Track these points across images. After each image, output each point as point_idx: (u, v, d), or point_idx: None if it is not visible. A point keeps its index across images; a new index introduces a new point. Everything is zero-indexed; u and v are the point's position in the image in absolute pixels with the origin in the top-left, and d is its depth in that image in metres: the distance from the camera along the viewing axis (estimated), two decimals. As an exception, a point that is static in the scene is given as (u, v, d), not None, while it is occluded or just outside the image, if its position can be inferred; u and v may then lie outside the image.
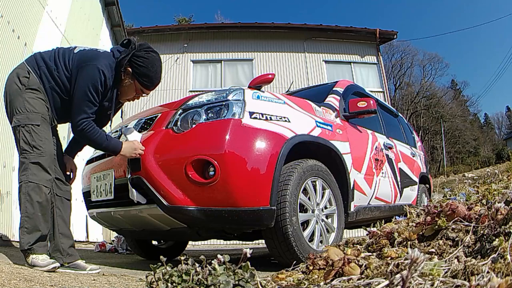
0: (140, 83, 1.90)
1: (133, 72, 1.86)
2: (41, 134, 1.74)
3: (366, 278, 0.90)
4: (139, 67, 1.85)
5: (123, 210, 2.06)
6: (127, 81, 1.88)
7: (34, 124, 1.72)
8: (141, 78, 1.88)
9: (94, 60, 1.77)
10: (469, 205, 1.28)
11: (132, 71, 1.86)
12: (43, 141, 1.74)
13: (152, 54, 1.88)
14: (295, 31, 11.12)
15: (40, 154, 1.72)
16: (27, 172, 1.69)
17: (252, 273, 0.90)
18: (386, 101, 10.42)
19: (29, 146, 1.71)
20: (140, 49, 1.85)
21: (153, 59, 1.88)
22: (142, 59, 1.84)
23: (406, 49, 33.18)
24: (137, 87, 1.92)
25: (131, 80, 1.89)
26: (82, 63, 1.78)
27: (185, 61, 10.83)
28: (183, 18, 23.91)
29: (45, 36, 4.23)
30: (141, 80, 1.88)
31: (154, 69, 1.88)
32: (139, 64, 1.84)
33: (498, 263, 0.80)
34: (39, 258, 1.68)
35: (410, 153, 4.09)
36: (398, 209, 3.20)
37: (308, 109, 2.41)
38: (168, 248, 3.18)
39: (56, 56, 1.83)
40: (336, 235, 2.25)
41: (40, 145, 1.72)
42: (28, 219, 1.67)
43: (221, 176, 1.75)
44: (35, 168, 1.70)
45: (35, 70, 1.79)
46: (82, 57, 1.81)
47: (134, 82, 1.89)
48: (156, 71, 1.90)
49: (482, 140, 37.93)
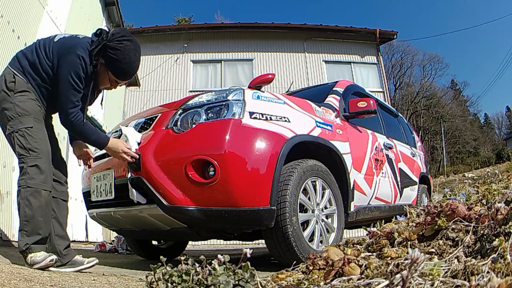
0: (113, 74, 1.84)
1: (105, 64, 1.80)
2: (36, 135, 1.72)
3: (366, 278, 0.90)
4: (110, 59, 1.77)
5: (123, 210, 2.06)
6: (101, 71, 1.83)
7: (28, 127, 1.71)
8: (114, 70, 1.82)
9: (73, 47, 1.73)
10: (469, 205, 1.28)
11: (104, 62, 1.79)
12: (38, 142, 1.72)
13: (125, 44, 1.78)
14: (295, 31, 11.13)
15: (37, 156, 1.70)
16: (25, 176, 1.68)
17: (252, 273, 0.90)
18: (386, 101, 10.42)
19: (25, 150, 1.69)
20: (112, 39, 1.76)
21: (125, 49, 1.77)
22: (114, 50, 1.76)
23: (406, 49, 33.24)
24: (111, 78, 1.86)
25: (103, 71, 1.83)
26: (63, 51, 1.75)
27: (185, 61, 10.83)
28: (183, 18, 23.90)
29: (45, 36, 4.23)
30: (114, 71, 1.82)
31: (127, 60, 1.79)
32: (111, 56, 1.76)
33: (498, 263, 0.80)
34: (37, 255, 1.67)
35: (410, 153, 4.09)
36: (398, 209, 3.20)
37: (308, 109, 2.41)
38: (168, 248, 3.18)
39: (37, 48, 1.79)
40: (336, 235, 2.25)
41: (36, 147, 1.70)
42: (27, 223, 1.66)
43: (221, 176, 1.75)
44: (33, 171, 1.68)
45: (20, 71, 1.76)
46: (62, 45, 1.77)
47: (108, 73, 1.83)
48: (129, 62, 1.81)
49: (482, 140, 37.93)
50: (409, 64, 34.19)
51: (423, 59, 35.26)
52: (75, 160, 2.21)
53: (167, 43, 10.93)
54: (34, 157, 1.69)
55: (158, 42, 10.89)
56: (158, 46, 10.85)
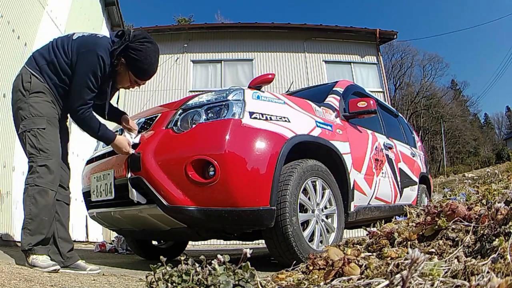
0: (134, 75, 1.87)
1: (126, 64, 1.83)
2: (47, 136, 1.73)
3: (366, 278, 0.90)
4: (132, 59, 1.81)
5: (123, 210, 2.06)
6: (122, 71, 1.86)
7: (40, 128, 1.71)
8: (135, 70, 1.85)
9: (94, 46, 1.75)
10: (469, 205, 1.28)
11: (126, 62, 1.82)
12: (49, 143, 1.73)
13: (146, 45, 1.82)
14: (295, 31, 11.12)
15: (47, 156, 1.71)
16: (34, 175, 1.68)
17: (252, 273, 0.90)
18: (386, 101, 10.42)
19: (35, 150, 1.70)
20: (134, 40, 1.79)
21: (147, 50, 1.81)
22: (136, 51, 1.79)
23: (406, 49, 33.21)
24: (131, 78, 1.89)
25: (124, 71, 1.86)
26: (82, 49, 1.76)
27: (185, 61, 10.83)
28: (183, 18, 23.91)
29: (45, 36, 4.22)
30: (135, 72, 1.86)
31: (148, 61, 1.83)
32: (132, 57, 1.80)
33: (498, 263, 0.80)
34: (39, 258, 1.66)
35: (410, 153, 4.09)
36: (398, 209, 3.20)
37: (308, 109, 2.41)
38: (168, 248, 3.18)
39: (55, 47, 1.80)
40: (336, 235, 2.25)
41: (47, 148, 1.71)
42: (31, 221, 1.65)
43: (221, 176, 1.75)
44: (43, 171, 1.69)
45: (37, 70, 1.77)
46: (81, 43, 1.78)
47: (128, 72, 1.86)
48: (150, 63, 1.85)
49: (482, 140, 37.91)
50: (409, 64, 34.21)
51: (423, 59, 35.28)
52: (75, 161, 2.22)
53: (167, 43, 10.92)
54: (44, 157, 1.70)
55: (158, 42, 10.49)
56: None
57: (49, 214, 1.71)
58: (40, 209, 1.66)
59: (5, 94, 3.23)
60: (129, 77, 1.89)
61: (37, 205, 1.66)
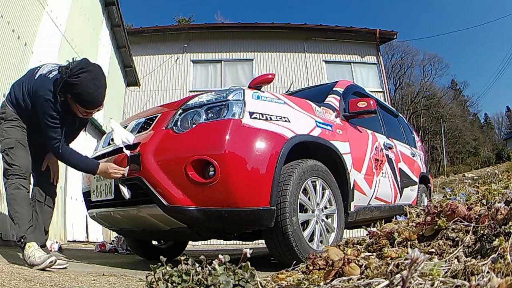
0: (81, 106, 1.96)
1: (71, 98, 1.93)
2: (17, 154, 2.00)
3: (366, 278, 0.90)
4: (73, 94, 1.90)
5: (123, 210, 2.06)
6: (72, 104, 1.97)
7: (10, 148, 2.00)
8: (80, 103, 1.94)
9: (41, 91, 1.92)
10: (469, 205, 1.28)
11: (70, 97, 1.93)
12: (19, 159, 2.00)
13: (82, 76, 1.86)
14: (295, 31, 11.13)
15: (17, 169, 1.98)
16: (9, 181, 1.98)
17: (252, 273, 0.90)
18: (386, 101, 10.42)
19: (8, 165, 1.99)
20: (71, 75, 1.85)
21: (83, 82, 1.86)
22: (73, 86, 1.86)
23: (406, 49, 33.20)
24: (80, 109, 1.99)
25: (74, 103, 1.96)
26: (35, 94, 1.97)
27: (185, 61, 10.83)
28: (183, 18, 23.93)
29: (45, 36, 4.23)
30: (80, 104, 1.95)
31: (86, 91, 1.89)
32: (72, 92, 1.89)
33: (498, 263, 0.80)
34: (35, 254, 1.81)
35: (410, 153, 4.09)
36: (398, 209, 3.20)
37: (308, 109, 2.41)
38: (168, 248, 3.18)
39: (23, 85, 2.05)
40: (336, 235, 2.25)
41: (16, 163, 1.98)
42: (19, 215, 1.91)
43: (221, 176, 1.75)
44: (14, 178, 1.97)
45: (10, 102, 2.08)
46: (35, 87, 1.98)
47: (76, 105, 1.96)
48: (89, 93, 1.90)
49: (482, 140, 37.91)
50: (409, 64, 34.20)
51: (423, 59, 35.27)
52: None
53: (167, 43, 10.93)
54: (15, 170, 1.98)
55: (158, 42, 10.89)
56: (158, 46, 10.85)
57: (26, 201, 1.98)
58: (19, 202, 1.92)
59: (5, 94, 3.23)
60: (77, 109, 1.98)
61: (16, 200, 1.92)
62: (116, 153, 2.09)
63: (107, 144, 2.44)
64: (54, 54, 4.49)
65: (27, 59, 3.78)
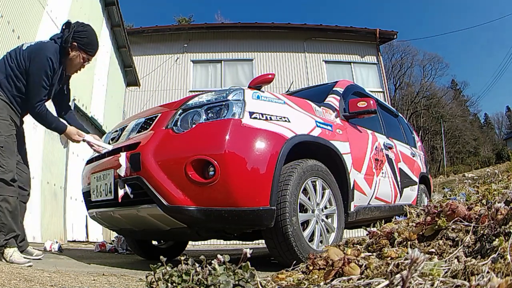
0: (85, 52, 2.27)
1: (78, 45, 2.22)
2: (5, 154, 2.02)
3: (366, 278, 0.90)
4: (82, 39, 2.22)
5: (123, 210, 2.06)
6: (74, 53, 2.23)
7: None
8: (86, 47, 2.26)
9: (42, 50, 2.10)
10: (469, 205, 1.28)
11: (77, 44, 2.21)
12: (6, 160, 2.02)
13: (88, 27, 2.28)
14: (295, 31, 11.13)
15: (4, 171, 1.99)
16: None
17: (252, 273, 0.90)
18: (386, 101, 10.43)
19: None
20: (78, 25, 2.24)
21: (90, 30, 2.28)
22: (83, 33, 2.23)
23: (406, 49, 33.19)
24: (83, 57, 2.28)
25: (77, 52, 2.24)
26: (33, 54, 2.09)
27: (185, 61, 10.84)
28: (183, 18, 23.93)
29: (45, 36, 4.22)
30: (86, 49, 2.26)
31: (93, 37, 2.29)
32: (82, 37, 2.22)
33: (498, 263, 0.80)
34: (15, 255, 1.97)
35: (410, 153, 4.09)
36: (398, 209, 3.20)
37: (308, 109, 2.41)
38: (168, 248, 3.18)
39: (8, 60, 2.12)
40: (336, 235, 2.25)
41: (4, 164, 2.00)
42: (3, 225, 1.99)
43: (221, 176, 1.75)
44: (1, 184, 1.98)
45: None
46: (31, 50, 2.12)
47: (80, 52, 2.25)
48: (95, 40, 2.32)
49: (482, 140, 37.90)
50: (409, 64, 34.18)
51: (423, 59, 35.24)
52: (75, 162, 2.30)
53: (167, 43, 10.93)
54: (1, 172, 1.99)
55: (158, 42, 10.89)
56: (158, 46, 10.85)
57: (14, 216, 2.04)
58: (7, 214, 1.98)
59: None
60: (81, 56, 2.27)
61: (3, 211, 1.97)
62: (116, 152, 2.09)
63: (107, 144, 2.44)
64: (54, 54, 4.49)
65: (27, 59, 3.78)
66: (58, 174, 4.69)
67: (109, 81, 7.13)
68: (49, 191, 4.34)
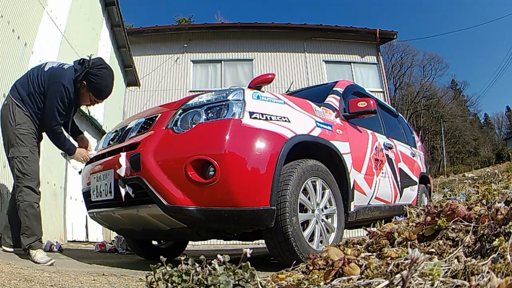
0: (93, 95, 2.33)
1: (87, 86, 2.27)
2: (30, 163, 2.19)
3: (366, 278, 0.90)
4: (91, 82, 2.26)
5: (123, 210, 2.06)
6: (83, 91, 2.30)
7: (24, 156, 2.17)
8: (94, 91, 2.31)
9: (60, 78, 2.19)
10: (469, 205, 1.28)
11: (86, 85, 2.27)
12: (32, 168, 2.19)
13: (103, 71, 2.27)
14: (295, 31, 11.12)
15: (30, 179, 2.17)
16: (22, 193, 2.15)
17: (252, 273, 0.90)
18: (386, 101, 10.42)
19: (21, 174, 2.16)
20: (93, 66, 2.23)
21: (103, 75, 2.27)
22: (94, 76, 2.24)
23: (406, 49, 33.20)
24: (91, 98, 2.35)
25: (86, 92, 2.31)
26: (51, 80, 2.20)
27: (185, 61, 10.83)
28: (183, 18, 23.94)
29: (45, 36, 4.23)
30: (94, 92, 2.32)
31: (104, 83, 2.30)
32: (91, 80, 2.25)
33: (498, 263, 0.80)
34: (37, 255, 2.09)
35: (410, 153, 4.09)
36: (398, 209, 3.20)
37: (308, 109, 2.41)
38: (168, 248, 3.18)
39: (30, 79, 2.24)
40: (336, 235, 2.25)
41: (30, 173, 2.17)
42: (27, 228, 2.14)
43: (221, 176, 1.75)
44: (27, 191, 2.15)
45: (20, 101, 2.21)
46: (51, 75, 2.22)
47: (89, 93, 2.31)
48: (106, 85, 2.32)
49: (482, 140, 37.90)
50: (409, 64, 34.19)
51: (423, 59, 35.26)
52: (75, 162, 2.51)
53: (167, 43, 10.92)
54: (28, 180, 2.16)
55: (158, 42, 10.89)
56: (158, 46, 10.85)
57: (37, 220, 2.19)
58: (31, 219, 2.14)
59: (5, 94, 3.23)
60: (90, 97, 2.34)
61: (28, 215, 2.13)
62: (116, 152, 2.09)
63: (107, 144, 2.44)
64: (54, 54, 4.49)
65: (27, 59, 3.78)
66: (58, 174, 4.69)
67: (109, 81, 7.14)
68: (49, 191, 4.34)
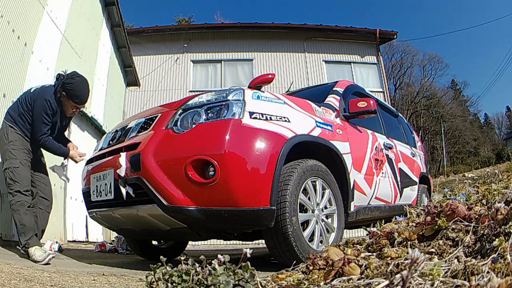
0: (72, 101, 2.59)
1: (66, 95, 2.55)
2: (20, 172, 2.44)
3: (366, 278, 0.90)
4: (68, 90, 2.53)
5: (123, 210, 2.06)
6: (64, 100, 2.58)
7: (15, 167, 2.44)
8: (72, 98, 2.57)
9: (43, 94, 2.50)
10: (469, 205, 1.28)
11: (65, 94, 2.54)
12: (22, 176, 2.44)
13: (76, 79, 2.56)
14: (295, 31, 11.12)
15: (20, 185, 2.41)
16: (14, 197, 2.40)
17: (252, 273, 0.90)
18: (386, 101, 10.42)
19: (12, 181, 2.42)
20: (68, 77, 2.54)
21: (76, 82, 2.56)
22: (69, 84, 2.53)
23: (406, 49, 33.18)
24: (71, 105, 2.61)
25: (66, 100, 2.58)
26: (35, 97, 2.51)
27: (185, 61, 10.83)
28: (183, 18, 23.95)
29: (45, 36, 4.22)
30: (72, 99, 2.57)
31: (79, 89, 2.58)
32: (68, 89, 2.53)
33: (498, 263, 0.80)
34: (36, 253, 2.22)
35: (410, 153, 4.09)
36: (398, 209, 3.20)
37: (308, 109, 2.41)
38: (168, 248, 3.18)
39: (20, 103, 2.56)
40: (336, 235, 2.25)
41: (19, 180, 2.42)
42: (22, 226, 2.34)
43: (221, 176, 1.75)
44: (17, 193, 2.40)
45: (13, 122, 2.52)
46: (35, 93, 2.54)
47: (69, 101, 2.58)
48: (82, 91, 2.61)
49: (482, 140, 37.89)
50: (409, 64, 34.17)
51: (423, 59, 35.25)
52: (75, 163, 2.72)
53: (167, 43, 10.92)
54: (18, 186, 2.41)
55: (158, 42, 10.89)
56: (158, 46, 10.85)
57: (31, 217, 2.42)
58: (24, 216, 2.35)
59: (5, 94, 3.23)
60: (70, 104, 2.60)
61: (21, 213, 2.35)
62: (116, 152, 2.09)
63: (107, 144, 2.44)
64: (54, 54, 4.49)
65: (27, 59, 3.78)
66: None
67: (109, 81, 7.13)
68: (49, 191, 4.34)
